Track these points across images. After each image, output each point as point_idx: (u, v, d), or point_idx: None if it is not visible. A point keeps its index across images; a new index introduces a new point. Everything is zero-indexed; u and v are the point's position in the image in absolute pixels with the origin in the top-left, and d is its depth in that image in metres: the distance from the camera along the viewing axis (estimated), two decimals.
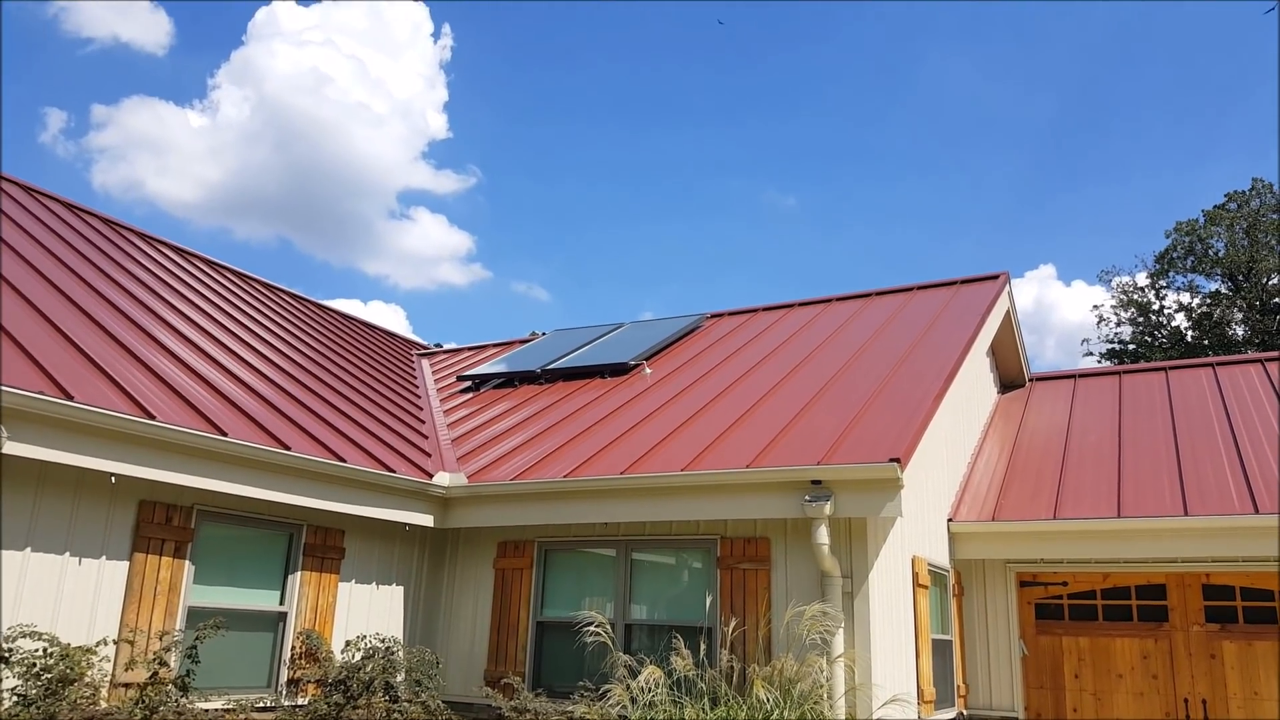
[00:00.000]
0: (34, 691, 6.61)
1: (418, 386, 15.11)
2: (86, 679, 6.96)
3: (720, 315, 16.26)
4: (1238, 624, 10.39)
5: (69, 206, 13.37)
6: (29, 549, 7.14)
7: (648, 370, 13.30)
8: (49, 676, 6.69)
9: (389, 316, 62.52)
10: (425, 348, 19.42)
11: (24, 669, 6.63)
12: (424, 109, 60.27)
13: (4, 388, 6.47)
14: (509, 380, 14.50)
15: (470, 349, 18.37)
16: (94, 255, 11.74)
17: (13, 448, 6.59)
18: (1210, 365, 14.66)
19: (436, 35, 60.03)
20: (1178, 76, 54.48)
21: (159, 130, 56.75)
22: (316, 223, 58.48)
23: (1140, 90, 55.90)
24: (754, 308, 16.06)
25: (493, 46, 61.26)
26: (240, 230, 60.70)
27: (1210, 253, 37.48)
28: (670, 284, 67.37)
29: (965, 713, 11.04)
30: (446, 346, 19.58)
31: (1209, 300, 37.05)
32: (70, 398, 6.89)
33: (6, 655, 6.63)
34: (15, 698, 6.58)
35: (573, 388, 13.31)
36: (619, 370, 13.52)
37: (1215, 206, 37.72)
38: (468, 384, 14.94)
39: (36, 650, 6.78)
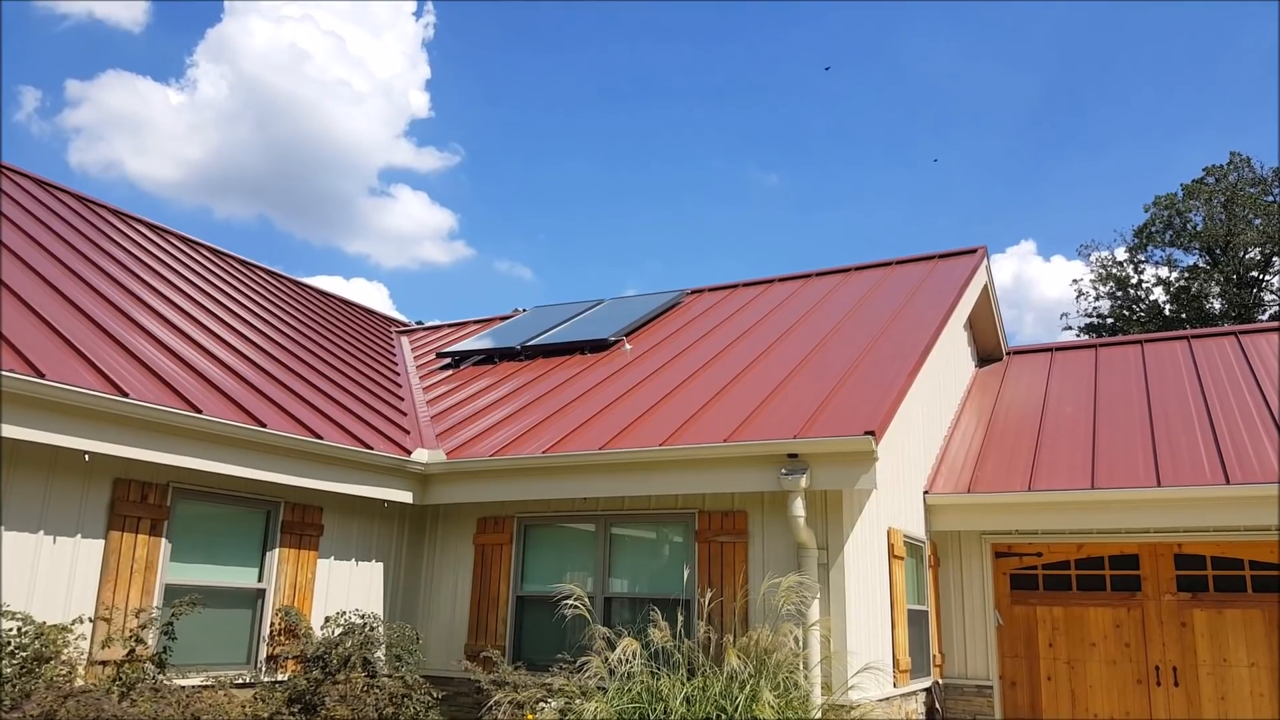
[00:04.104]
0: (9, 670, 6.61)
1: (397, 363, 15.08)
2: (63, 657, 6.96)
3: (700, 291, 16.27)
4: (1208, 592, 10.53)
5: (41, 184, 13.24)
6: (2, 528, 7.11)
7: (628, 346, 13.31)
8: (24, 655, 6.69)
9: (371, 295, 62.25)
10: (405, 325, 19.36)
11: None
12: (406, 88, 59.74)
13: None
14: (489, 357, 14.49)
15: (450, 326, 18.33)
16: (67, 233, 11.64)
17: None
18: (1185, 338, 14.78)
19: (419, 14, 59.50)
20: (1155, 51, 54.59)
21: (136, 108, 56.10)
22: (296, 201, 57.99)
23: (1118, 66, 55.99)
24: (734, 283, 16.08)
25: (476, 26, 60.75)
26: (220, 209, 60.15)
27: (1188, 227, 37.65)
28: (653, 261, 67.30)
29: (941, 681, 11.17)
30: (426, 324, 19.53)
31: (1187, 274, 37.26)
32: (42, 376, 6.85)
33: None
34: None
35: (552, 364, 13.31)
36: (599, 346, 13.52)
37: (1193, 181, 37.85)
38: (447, 361, 14.92)
39: (11, 629, 6.77)
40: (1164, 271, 38.27)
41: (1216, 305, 36.36)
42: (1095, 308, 39.40)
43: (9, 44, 51.16)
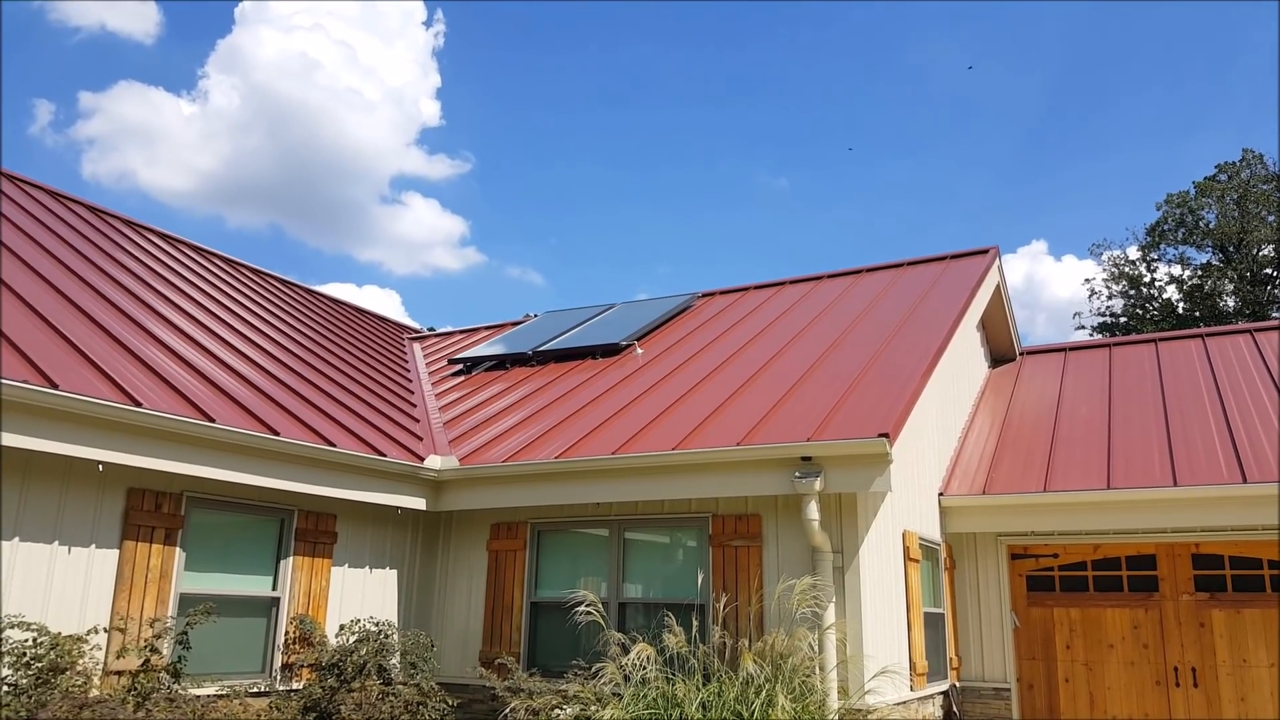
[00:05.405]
0: (25, 681, 6.61)
1: (409, 370, 15.09)
2: (78, 667, 6.97)
3: (711, 294, 16.24)
4: (1226, 592, 10.45)
5: (54, 195, 13.30)
6: (17, 539, 7.13)
7: (639, 350, 13.29)
8: (40, 665, 6.70)
9: (384, 301, 62.33)
10: (417, 331, 19.39)
11: (14, 659, 6.64)
12: (417, 96, 59.92)
13: None
14: (500, 363, 14.48)
15: (462, 332, 18.34)
16: (80, 243, 11.69)
17: None
18: (1200, 336, 14.68)
19: (429, 22, 59.65)
20: (1166, 48, 54.37)
21: (148, 118, 56.37)
22: (308, 210, 58.17)
23: (1129, 63, 55.78)
24: (745, 286, 16.05)
25: (485, 33, 60.89)
26: (233, 219, 60.35)
27: (1201, 224, 37.45)
28: (662, 264, 67.30)
29: (958, 684, 11.10)
30: (438, 330, 19.54)
31: (1200, 272, 37.05)
32: (56, 386, 6.86)
33: None
34: (6, 687, 6.59)
35: (564, 369, 13.30)
36: (610, 351, 13.51)
37: (1206, 178, 37.63)
38: (459, 367, 14.93)
39: (26, 640, 6.78)
40: (1177, 270, 38.11)
41: (1230, 303, 36.16)
42: (1108, 307, 39.24)
43: (21, 57, 51.47)
